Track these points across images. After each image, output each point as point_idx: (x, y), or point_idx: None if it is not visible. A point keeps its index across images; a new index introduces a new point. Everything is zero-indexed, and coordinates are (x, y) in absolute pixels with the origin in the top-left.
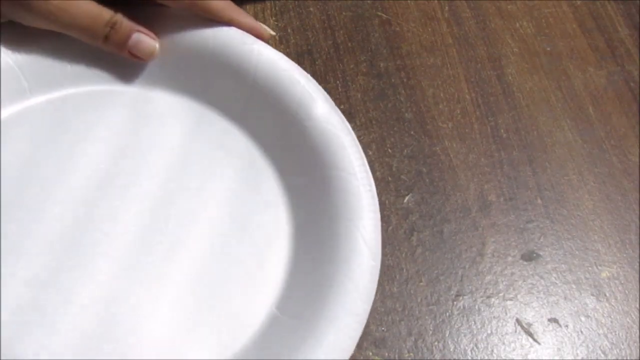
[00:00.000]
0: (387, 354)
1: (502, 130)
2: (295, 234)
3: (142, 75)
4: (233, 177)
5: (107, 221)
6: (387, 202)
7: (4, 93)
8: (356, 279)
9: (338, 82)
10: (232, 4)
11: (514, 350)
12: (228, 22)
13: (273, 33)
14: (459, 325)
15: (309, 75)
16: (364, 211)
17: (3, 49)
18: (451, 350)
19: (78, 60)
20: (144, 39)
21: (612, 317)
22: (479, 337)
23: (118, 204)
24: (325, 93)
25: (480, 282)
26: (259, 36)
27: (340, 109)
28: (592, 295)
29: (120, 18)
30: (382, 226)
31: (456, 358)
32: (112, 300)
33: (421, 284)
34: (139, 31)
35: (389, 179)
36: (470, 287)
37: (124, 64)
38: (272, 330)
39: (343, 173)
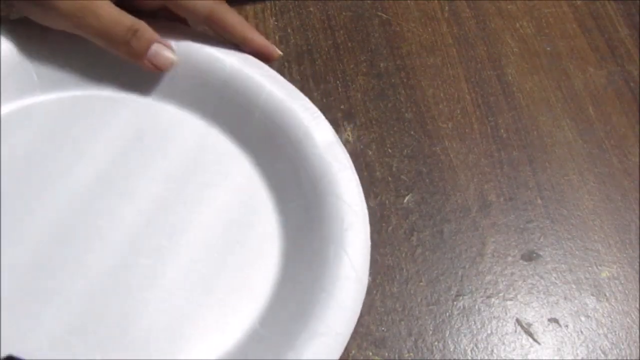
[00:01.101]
0: (387, 354)
1: (502, 130)
2: (285, 253)
3: (154, 86)
4: (229, 196)
5: (98, 221)
6: (387, 202)
7: (14, 86)
8: (341, 299)
9: (338, 82)
10: (245, 22)
11: (514, 350)
12: (241, 40)
13: (281, 53)
14: (459, 325)
15: (316, 109)
16: (355, 236)
17: (17, 44)
18: (451, 350)
19: (92, 64)
20: (164, 50)
21: (612, 317)
22: (479, 337)
23: (112, 207)
24: (330, 126)
25: (480, 282)
26: (269, 55)
27: (340, 109)
28: (592, 295)
29: (143, 26)
30: (382, 226)
31: (456, 358)
32: (94, 299)
33: (421, 284)
34: (158, 42)
35: (389, 179)
36: (470, 287)
37: (137, 73)
38: (252, 346)
39: (337, 200)
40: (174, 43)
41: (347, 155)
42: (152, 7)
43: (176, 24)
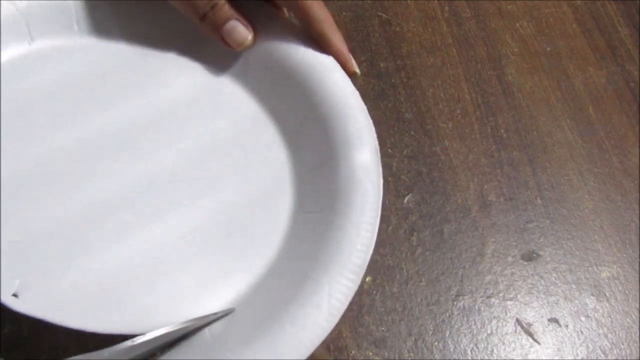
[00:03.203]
0: (387, 354)
1: (502, 130)
2: (277, 258)
3: (229, 62)
4: (252, 185)
5: (107, 162)
6: (387, 202)
7: (87, 25)
8: (297, 331)
9: None
10: (331, 21)
11: (514, 350)
12: (319, 36)
13: (358, 72)
14: (459, 325)
15: (371, 122)
16: (344, 273)
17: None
18: (451, 350)
19: (167, 23)
20: (239, 28)
21: (612, 317)
22: (479, 337)
23: (131, 153)
24: (377, 144)
25: (480, 282)
26: (342, 65)
27: None
28: (592, 295)
29: (223, 1)
30: (381, 226)
31: (456, 358)
32: (68, 229)
33: (421, 284)
34: (237, 19)
35: (389, 179)
36: (470, 287)
37: (213, 44)
38: (197, 342)
39: (350, 225)
40: (256, 22)
41: (380, 178)
42: None
43: (267, 5)
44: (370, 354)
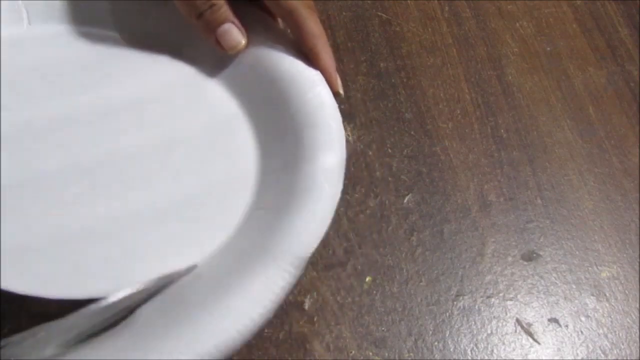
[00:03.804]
0: (387, 354)
1: (502, 130)
2: (222, 249)
3: (209, 60)
4: (215, 178)
5: (73, 137)
6: (387, 202)
7: (85, 16)
8: (231, 317)
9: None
10: (324, 38)
11: (514, 350)
12: (309, 51)
13: (342, 93)
14: (459, 325)
15: (344, 135)
16: (282, 265)
17: None
18: (451, 350)
19: (162, 21)
20: (234, 31)
21: (612, 317)
22: (479, 337)
23: (95, 133)
24: (345, 155)
25: (480, 282)
26: (329, 85)
27: (340, 109)
28: (592, 295)
29: (221, 2)
30: (381, 226)
31: (456, 358)
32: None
33: (421, 284)
34: (232, 22)
35: (389, 179)
36: (470, 287)
37: (204, 45)
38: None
39: (298, 221)
40: (248, 28)
41: (340, 184)
42: None
43: (262, 14)
44: (370, 354)
